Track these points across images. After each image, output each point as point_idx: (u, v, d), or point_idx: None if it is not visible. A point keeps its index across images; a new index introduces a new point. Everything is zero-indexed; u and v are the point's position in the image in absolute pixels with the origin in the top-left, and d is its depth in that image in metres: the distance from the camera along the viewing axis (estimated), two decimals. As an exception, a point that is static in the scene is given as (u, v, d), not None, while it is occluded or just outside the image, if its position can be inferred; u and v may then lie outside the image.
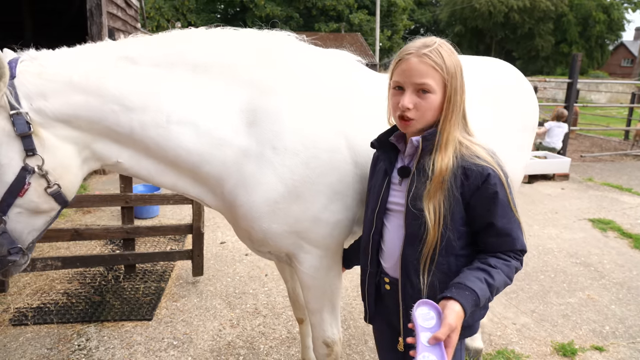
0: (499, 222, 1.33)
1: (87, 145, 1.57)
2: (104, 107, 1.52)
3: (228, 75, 1.65)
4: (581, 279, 4.26)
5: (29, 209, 1.49)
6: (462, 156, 1.34)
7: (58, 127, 1.50)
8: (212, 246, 4.81)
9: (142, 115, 1.55)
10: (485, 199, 1.32)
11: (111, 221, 5.53)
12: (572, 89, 9.14)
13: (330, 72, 1.84)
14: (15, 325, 3.22)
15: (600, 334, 3.33)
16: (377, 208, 1.51)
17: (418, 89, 1.34)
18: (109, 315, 3.38)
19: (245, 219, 1.69)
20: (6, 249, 1.48)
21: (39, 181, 1.47)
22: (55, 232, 3.56)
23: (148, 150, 1.62)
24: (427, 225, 1.34)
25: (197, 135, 1.60)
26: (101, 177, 7.59)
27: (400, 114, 1.38)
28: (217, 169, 1.66)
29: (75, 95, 1.50)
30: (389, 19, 38.81)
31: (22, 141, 1.43)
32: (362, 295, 1.69)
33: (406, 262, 1.44)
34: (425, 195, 1.34)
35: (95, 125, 1.54)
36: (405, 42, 1.43)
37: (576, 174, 8.63)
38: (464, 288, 1.27)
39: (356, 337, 3.21)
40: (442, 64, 1.33)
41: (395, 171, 1.50)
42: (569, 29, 43.54)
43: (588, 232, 5.51)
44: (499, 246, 1.36)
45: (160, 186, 1.76)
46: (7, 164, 1.42)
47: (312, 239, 1.75)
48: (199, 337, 3.17)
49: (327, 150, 1.68)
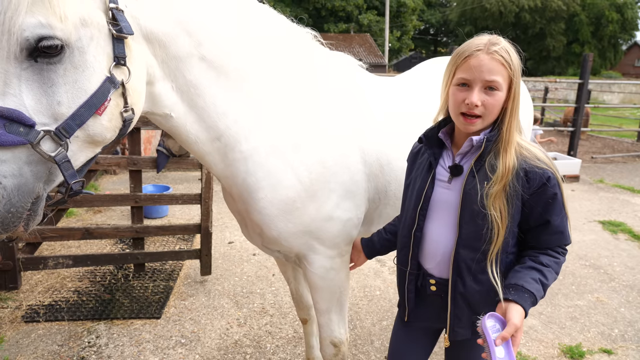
0: (555, 221, 1.36)
1: (153, 79, 1.38)
2: (191, 49, 1.41)
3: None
4: (590, 281, 4.22)
5: (93, 133, 1.20)
6: (523, 158, 1.36)
7: (142, 43, 1.31)
8: (220, 246, 4.85)
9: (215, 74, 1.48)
10: (545, 200, 1.35)
11: (121, 220, 5.60)
12: (582, 89, 9.06)
13: (339, 74, 1.88)
14: (27, 322, 3.29)
15: (609, 337, 3.30)
16: (419, 204, 1.50)
17: (486, 86, 1.33)
18: (119, 313, 3.43)
19: (261, 215, 1.67)
20: (69, 181, 1.17)
21: (118, 100, 1.23)
22: (66, 231, 3.62)
23: (203, 112, 1.50)
24: (492, 225, 1.34)
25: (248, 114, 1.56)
26: (112, 177, 7.68)
27: (466, 111, 1.36)
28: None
29: (169, 13, 1.34)
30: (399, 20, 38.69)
31: (115, 45, 1.19)
32: (401, 293, 1.65)
33: (459, 263, 1.42)
34: (491, 195, 1.33)
35: (171, 61, 1.38)
36: (415, 43, 1.43)
37: (587, 176, 8.55)
38: (523, 290, 1.31)
39: (362, 338, 3.22)
40: (510, 62, 1.33)
41: (440, 168, 1.49)
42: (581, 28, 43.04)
43: (598, 234, 5.45)
44: (550, 242, 1.39)
45: (193, 153, 1.63)
46: (92, 67, 1.15)
47: (324, 239, 1.76)
48: (207, 336, 3.20)
49: (340, 150, 1.72)
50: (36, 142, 1.08)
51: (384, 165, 1.86)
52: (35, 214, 1.16)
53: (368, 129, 1.84)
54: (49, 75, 1.11)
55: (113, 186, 7.10)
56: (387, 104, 2.00)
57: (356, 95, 1.88)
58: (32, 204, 1.14)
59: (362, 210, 1.85)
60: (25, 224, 1.13)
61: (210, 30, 1.46)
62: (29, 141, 1.07)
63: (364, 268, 4.32)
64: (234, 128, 1.56)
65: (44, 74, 1.10)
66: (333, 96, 1.79)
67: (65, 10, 1.09)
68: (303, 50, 1.76)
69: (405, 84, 2.31)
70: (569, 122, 10.54)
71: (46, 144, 1.11)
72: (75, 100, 1.13)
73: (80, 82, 1.14)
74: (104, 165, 3.59)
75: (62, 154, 1.13)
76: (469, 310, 1.46)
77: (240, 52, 1.54)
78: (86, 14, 1.15)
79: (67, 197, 1.21)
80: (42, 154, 1.11)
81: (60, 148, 1.13)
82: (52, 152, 1.12)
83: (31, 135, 1.08)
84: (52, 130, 1.11)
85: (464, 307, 1.46)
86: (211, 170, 1.69)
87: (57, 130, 1.11)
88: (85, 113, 1.15)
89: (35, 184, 1.13)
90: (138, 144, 3.72)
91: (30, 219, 1.14)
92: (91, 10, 1.16)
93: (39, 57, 1.09)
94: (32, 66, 1.09)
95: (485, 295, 1.42)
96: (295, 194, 1.66)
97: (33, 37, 1.06)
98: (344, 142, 1.75)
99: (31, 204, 1.13)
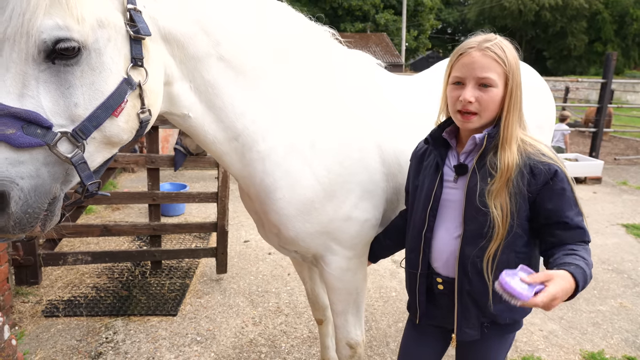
0: (570, 216, 1.34)
1: (171, 79, 1.37)
2: (208, 49, 1.39)
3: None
4: (613, 286, 4.10)
5: (110, 134, 1.19)
6: (527, 154, 1.35)
7: (160, 43, 1.30)
8: (236, 244, 4.87)
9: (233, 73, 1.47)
10: (554, 195, 1.33)
11: (139, 218, 5.66)
12: (605, 89, 8.84)
13: (357, 72, 1.86)
14: (47, 317, 3.34)
15: (633, 344, 3.20)
16: (429, 205, 1.49)
17: (480, 82, 1.33)
18: (136, 310, 3.47)
19: (279, 215, 1.65)
20: (85, 182, 1.17)
21: (135, 101, 1.22)
22: (85, 227, 3.68)
23: (221, 112, 1.49)
24: (493, 223, 1.33)
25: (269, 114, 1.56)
26: (130, 175, 7.80)
27: (461, 109, 1.36)
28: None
29: (186, 14, 1.33)
30: (416, 19, 38.38)
31: (132, 46, 1.19)
32: (411, 296, 1.64)
33: (464, 260, 1.42)
34: (492, 192, 1.33)
35: (189, 61, 1.37)
36: (432, 42, 1.42)
37: (609, 178, 8.33)
38: (577, 267, 1.18)
39: (377, 339, 3.19)
40: (505, 58, 1.33)
41: (446, 168, 1.49)
42: (604, 27, 42.01)
43: (621, 237, 5.31)
44: (571, 239, 1.35)
45: (210, 153, 1.61)
46: (109, 69, 1.15)
47: (342, 239, 1.74)
48: (222, 334, 3.21)
49: (359, 149, 1.70)
50: (53, 144, 1.09)
51: (403, 165, 1.82)
52: (52, 215, 1.16)
53: (387, 128, 1.81)
54: (66, 77, 1.11)
55: (131, 184, 7.19)
56: (406, 103, 1.97)
57: (375, 94, 1.85)
58: (49, 204, 1.14)
59: (381, 210, 1.82)
60: (42, 224, 1.13)
61: (228, 29, 1.45)
62: (46, 143, 1.07)
63: (380, 269, 4.29)
64: (251, 128, 1.55)
65: (61, 75, 1.10)
66: (351, 95, 1.76)
67: (83, 12, 1.09)
68: (321, 48, 1.74)
69: (424, 83, 2.27)
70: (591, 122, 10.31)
71: (63, 146, 1.11)
72: (92, 101, 1.13)
73: (97, 83, 1.14)
74: (122, 163, 3.64)
75: (79, 155, 1.14)
76: (477, 310, 1.45)
77: (258, 51, 1.53)
78: (103, 15, 1.14)
79: (83, 197, 1.21)
80: (59, 155, 1.11)
81: (77, 149, 1.13)
82: (69, 154, 1.12)
83: (48, 137, 1.08)
84: (69, 131, 1.11)
85: (471, 306, 1.45)
86: (228, 170, 1.68)
87: (74, 132, 1.12)
88: (102, 114, 1.14)
89: (52, 185, 1.13)
90: (156, 142, 3.76)
91: (47, 219, 1.14)
92: (109, 12, 1.16)
93: (56, 59, 1.09)
94: (50, 68, 1.09)
95: (493, 294, 1.39)
96: (313, 194, 1.64)
97: (50, 39, 1.06)
98: (363, 142, 1.73)
99: (48, 204, 1.13)
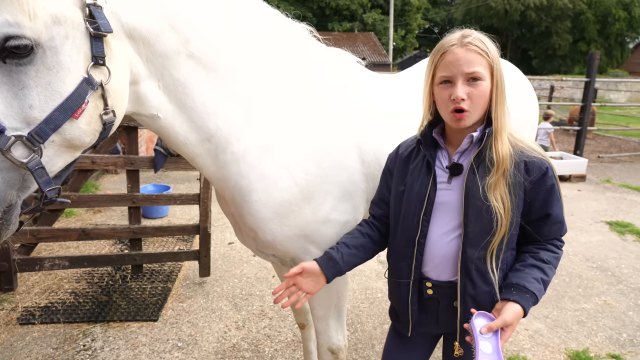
0: (554, 212, 1.36)
1: (138, 78, 1.30)
2: (179, 47, 1.33)
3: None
4: (597, 283, 4.12)
5: (70, 137, 1.12)
6: (520, 148, 1.35)
7: (124, 40, 1.23)
8: (220, 246, 4.79)
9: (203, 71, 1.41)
10: (545, 191, 1.34)
11: (121, 220, 5.55)
12: (589, 88, 8.93)
13: (335, 70, 1.81)
14: (22, 325, 3.24)
15: (617, 342, 3.20)
16: (422, 210, 1.42)
17: (468, 78, 1.31)
18: (115, 316, 3.38)
19: (255, 218, 1.60)
20: (43, 189, 1.10)
21: (97, 102, 1.16)
22: (62, 231, 3.57)
23: (192, 112, 1.42)
24: (496, 217, 1.31)
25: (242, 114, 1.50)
26: (113, 176, 7.65)
27: (454, 108, 1.33)
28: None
29: (152, 9, 1.27)
30: (403, 18, 38.50)
31: (93, 44, 1.12)
32: (400, 307, 1.55)
33: (467, 263, 1.37)
34: (490, 185, 1.31)
35: (156, 58, 1.31)
36: (420, 42, 1.39)
37: (593, 175, 8.42)
38: (525, 291, 1.29)
39: (363, 342, 3.14)
40: (487, 50, 1.31)
41: (437, 169, 1.44)
42: (588, 26, 42.63)
43: (605, 235, 5.35)
44: (550, 234, 1.39)
45: (183, 155, 1.54)
46: (67, 68, 1.08)
47: (321, 242, 1.69)
48: (204, 339, 3.14)
49: (337, 149, 1.65)
50: (6, 149, 1.02)
51: (383, 165, 1.78)
52: (8, 223, 1.09)
53: (366, 128, 1.76)
54: (19, 77, 1.04)
55: (114, 185, 7.06)
56: (387, 102, 1.93)
57: (354, 93, 1.80)
58: (4, 212, 1.07)
59: (361, 212, 1.78)
60: None
61: (198, 26, 1.38)
62: None
63: (365, 269, 4.25)
64: (224, 128, 1.48)
65: (13, 75, 1.03)
66: (329, 93, 1.71)
67: (35, 7, 1.02)
68: (297, 45, 1.69)
69: (406, 82, 2.23)
70: (575, 120, 10.42)
71: (18, 150, 1.05)
72: (49, 103, 1.06)
73: (54, 84, 1.07)
74: (101, 165, 3.54)
75: (36, 160, 1.07)
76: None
77: (230, 48, 1.47)
78: (59, 11, 1.07)
79: (42, 205, 1.14)
80: (14, 161, 1.04)
81: (33, 154, 1.06)
82: (25, 159, 1.05)
83: (1, 142, 1.01)
84: (24, 135, 1.04)
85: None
86: (203, 173, 1.62)
87: (29, 136, 1.05)
88: (60, 117, 1.07)
89: (7, 192, 1.06)
90: (135, 144, 3.67)
91: (2, 228, 1.08)
92: (65, 7, 1.09)
93: (7, 58, 1.02)
94: (1, 67, 1.02)
95: (495, 297, 1.37)
96: (290, 196, 1.59)
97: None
98: (342, 141, 1.68)
99: (3, 212, 1.07)
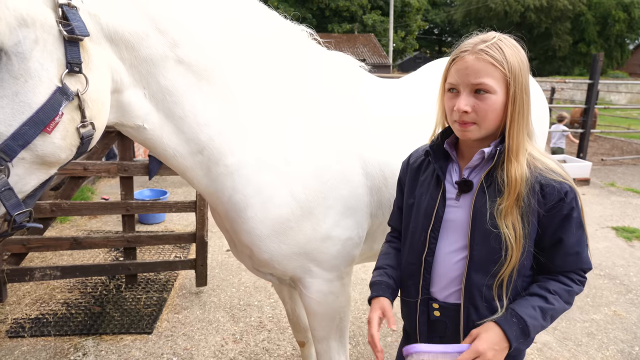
0: (569, 241, 1.21)
1: (120, 86, 1.19)
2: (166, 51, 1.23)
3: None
4: (606, 293, 4.00)
5: (43, 154, 1.01)
6: (538, 170, 1.21)
7: (104, 45, 1.11)
8: (217, 254, 4.67)
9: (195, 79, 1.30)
10: (560, 216, 1.20)
11: (117, 226, 5.42)
12: (592, 90, 8.82)
13: (336, 76, 1.69)
14: (11, 337, 3.11)
15: (629, 355, 3.08)
16: (430, 226, 1.31)
17: (474, 89, 1.19)
18: (108, 328, 3.25)
19: (250, 235, 1.49)
20: (11, 213, 1.00)
21: (73, 114, 1.04)
22: (53, 240, 3.45)
23: (182, 123, 1.32)
24: (506, 245, 1.18)
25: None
26: (109, 181, 7.52)
27: (457, 119, 1.22)
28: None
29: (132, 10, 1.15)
30: (403, 20, 38.44)
31: (67, 49, 1.00)
32: (410, 327, 1.44)
33: (471, 289, 1.25)
34: (501, 211, 1.18)
35: (141, 64, 1.20)
36: (420, 43, 1.26)
37: (597, 179, 8.30)
38: (512, 314, 1.18)
39: (365, 355, 3.02)
40: (503, 60, 1.16)
41: (447, 184, 1.32)
42: (587, 28, 42.61)
43: (612, 241, 5.23)
44: (564, 265, 1.24)
45: (172, 168, 1.44)
46: (37, 77, 0.96)
47: (322, 260, 1.58)
48: (200, 353, 3.02)
49: (338, 161, 1.54)
50: None
51: (388, 177, 1.66)
52: None
53: (370, 138, 1.65)
54: None
55: (111, 190, 6.93)
56: (391, 108, 1.81)
57: (356, 100, 1.69)
58: None
59: (365, 227, 1.66)
60: None
61: (188, 29, 1.27)
62: None
63: (367, 278, 4.12)
64: (217, 140, 1.37)
65: None
66: (330, 101, 1.60)
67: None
68: (297, 51, 1.57)
69: (411, 87, 2.11)
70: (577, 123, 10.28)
71: None
72: (16, 116, 0.95)
73: (22, 94, 0.95)
74: (93, 172, 3.41)
75: (2, 180, 0.95)
76: None
77: (224, 53, 1.35)
78: (26, 12, 0.95)
79: (10, 230, 1.02)
80: None
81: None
82: None
83: None
84: None
85: None
86: (194, 187, 1.51)
87: None
88: (30, 131, 0.96)
89: None
90: (129, 149, 3.54)
91: None
92: (34, 8, 0.96)
93: None
94: None
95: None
96: (289, 212, 1.47)
97: None
98: (343, 153, 1.56)
99: None
